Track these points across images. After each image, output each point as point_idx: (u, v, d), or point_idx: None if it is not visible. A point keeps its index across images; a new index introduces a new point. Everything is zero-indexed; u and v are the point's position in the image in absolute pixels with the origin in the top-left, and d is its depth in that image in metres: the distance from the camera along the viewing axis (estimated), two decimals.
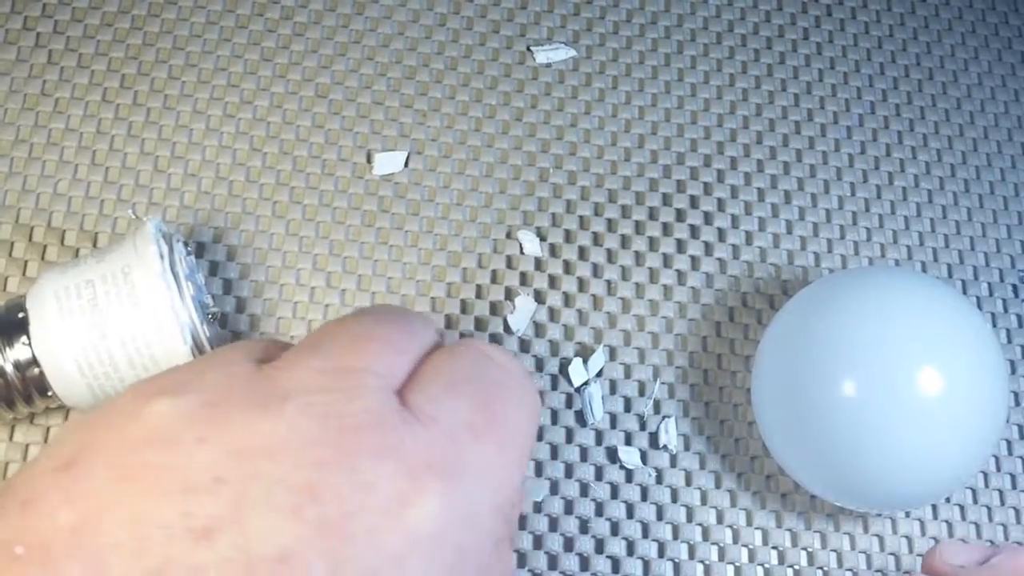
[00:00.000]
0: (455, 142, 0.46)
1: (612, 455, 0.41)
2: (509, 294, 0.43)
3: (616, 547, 0.40)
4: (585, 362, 0.43)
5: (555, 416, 0.42)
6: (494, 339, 0.43)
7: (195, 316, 0.34)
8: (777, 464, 0.41)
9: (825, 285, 0.40)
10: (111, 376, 0.34)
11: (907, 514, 0.42)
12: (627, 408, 0.42)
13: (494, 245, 0.44)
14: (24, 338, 0.34)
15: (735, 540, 0.41)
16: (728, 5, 0.50)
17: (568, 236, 0.45)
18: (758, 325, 0.44)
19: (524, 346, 0.43)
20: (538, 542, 0.40)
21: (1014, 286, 0.46)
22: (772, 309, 0.44)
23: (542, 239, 0.44)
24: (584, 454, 0.41)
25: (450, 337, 0.43)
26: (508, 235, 0.44)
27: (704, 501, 0.41)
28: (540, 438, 0.41)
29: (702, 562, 0.40)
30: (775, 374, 0.39)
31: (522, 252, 0.44)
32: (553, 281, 0.44)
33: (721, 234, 0.46)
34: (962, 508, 0.42)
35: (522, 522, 0.40)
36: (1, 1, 0.45)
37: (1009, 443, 0.44)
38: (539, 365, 0.43)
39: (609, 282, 0.44)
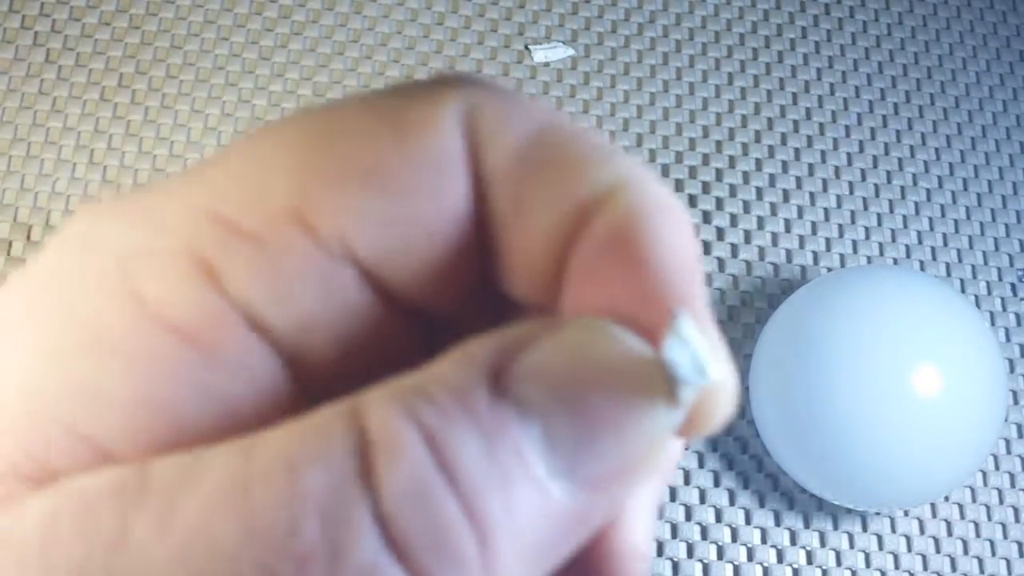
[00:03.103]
0: None
1: None
2: None
3: None
4: None
5: None
6: None
7: None
8: (776, 463, 0.41)
9: (824, 284, 0.40)
10: None
11: (906, 513, 0.42)
12: None
13: None
14: None
15: (734, 539, 0.41)
16: (727, 4, 0.50)
17: None
18: (756, 324, 0.44)
19: None
20: None
21: (1012, 285, 0.46)
22: (771, 308, 0.44)
23: None
24: None
25: None
26: None
27: (703, 500, 0.41)
28: None
29: (701, 561, 0.40)
30: (773, 373, 0.39)
31: None
32: None
33: (720, 233, 0.46)
34: (961, 507, 0.42)
35: None
36: None
37: (1008, 442, 0.44)
38: None
39: None
